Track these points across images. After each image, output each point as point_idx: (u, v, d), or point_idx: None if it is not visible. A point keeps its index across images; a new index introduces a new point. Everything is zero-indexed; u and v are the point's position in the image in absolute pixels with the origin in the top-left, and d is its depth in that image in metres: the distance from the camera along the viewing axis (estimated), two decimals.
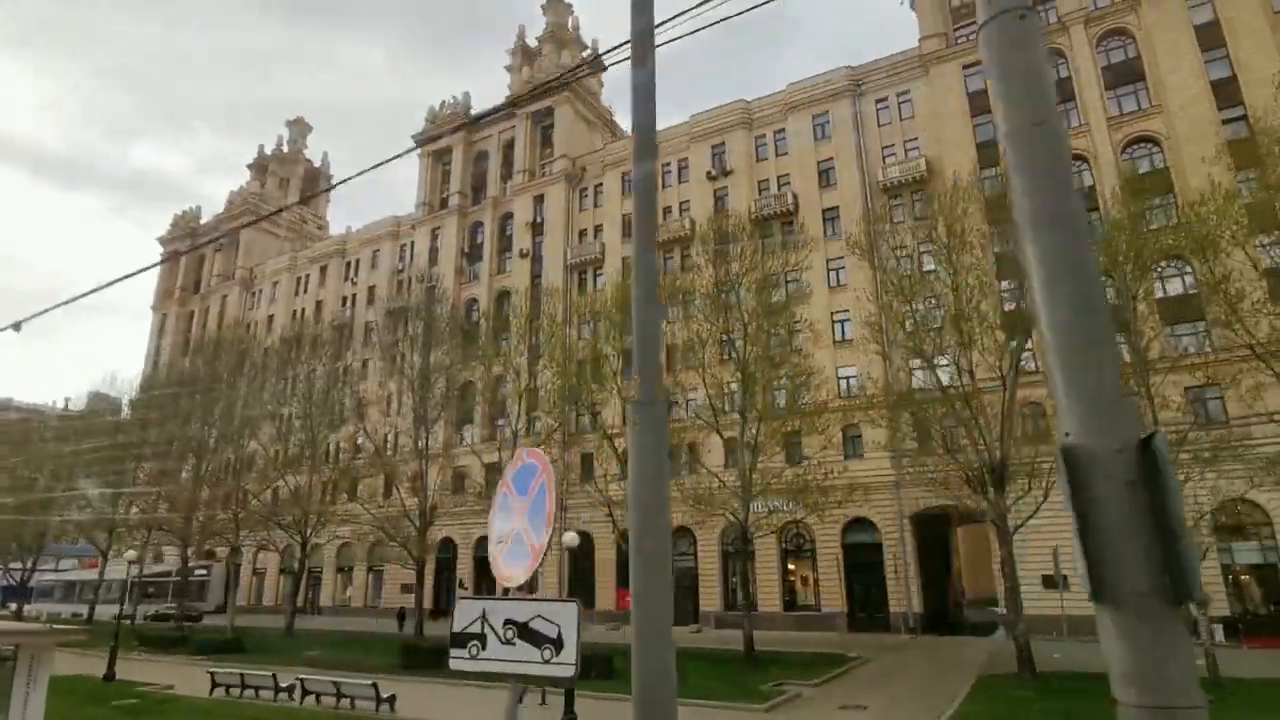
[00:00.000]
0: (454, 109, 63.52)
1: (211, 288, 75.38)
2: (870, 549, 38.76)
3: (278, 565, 60.18)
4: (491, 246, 57.64)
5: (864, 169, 43.97)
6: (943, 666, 25.10)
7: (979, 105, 41.21)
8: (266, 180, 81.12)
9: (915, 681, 21.66)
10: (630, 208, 51.91)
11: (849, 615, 38.33)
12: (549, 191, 55.39)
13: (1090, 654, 25.90)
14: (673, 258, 49.31)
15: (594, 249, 52.07)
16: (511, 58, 67.19)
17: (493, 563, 5.52)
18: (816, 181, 45.45)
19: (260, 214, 75.82)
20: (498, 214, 58.43)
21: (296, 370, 41.08)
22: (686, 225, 48.58)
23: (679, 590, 43.74)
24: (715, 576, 42.41)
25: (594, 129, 60.50)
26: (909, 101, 44.20)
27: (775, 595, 40.65)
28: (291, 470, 36.99)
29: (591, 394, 32.46)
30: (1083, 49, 39.42)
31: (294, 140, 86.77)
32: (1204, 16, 36.82)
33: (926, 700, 18.43)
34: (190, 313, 76.90)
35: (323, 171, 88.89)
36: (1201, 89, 35.83)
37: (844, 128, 45.22)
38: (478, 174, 61.34)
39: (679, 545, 44.60)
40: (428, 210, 61.95)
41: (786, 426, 27.36)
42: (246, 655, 29.72)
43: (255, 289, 72.97)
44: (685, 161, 50.95)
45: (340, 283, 66.02)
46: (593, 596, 46.06)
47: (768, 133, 48.42)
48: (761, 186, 47.66)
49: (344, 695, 17.27)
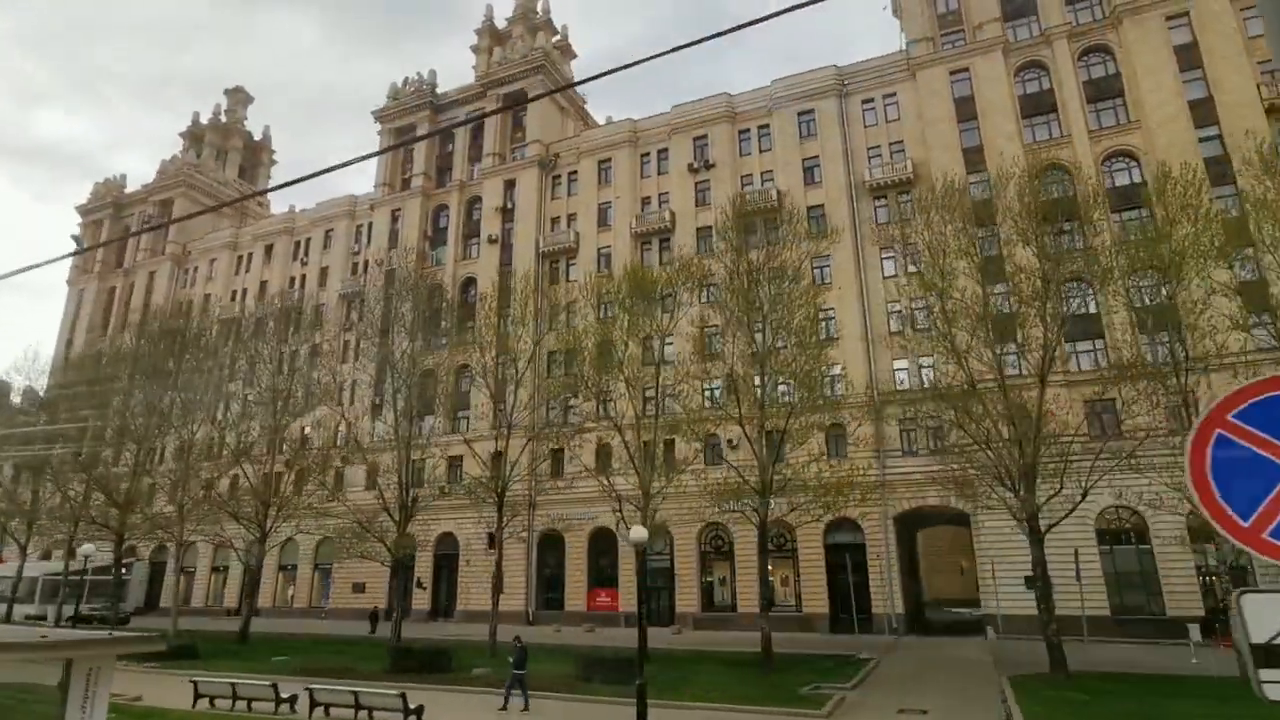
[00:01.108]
0: (418, 86, 60.58)
1: (138, 262, 69.64)
2: (852, 549, 38.57)
3: (210, 563, 56.03)
4: (457, 231, 55.14)
5: (850, 168, 43.92)
6: (954, 668, 24.82)
7: (966, 111, 41.79)
8: (203, 151, 75.68)
9: (945, 683, 21.17)
10: (607, 196, 50.75)
11: (831, 616, 37.99)
12: (521, 176, 53.36)
13: (1089, 653, 26.21)
14: (651, 249, 48.31)
15: (568, 237, 50.39)
16: (479, 38, 64.75)
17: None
18: (801, 178, 45.15)
19: (195, 184, 70.79)
20: (465, 198, 55.96)
21: (257, 350, 37.73)
22: (667, 217, 47.58)
23: (655, 591, 42.71)
24: (693, 577, 41.48)
25: (566, 115, 58.76)
26: (895, 104, 44.40)
27: (754, 596, 39.92)
28: (246, 458, 33.87)
29: (596, 384, 30.85)
30: (1065, 63, 40.38)
31: (232, 110, 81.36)
32: (1183, 38, 38.22)
33: (978, 703, 17.89)
34: (111, 289, 70.88)
35: (264, 146, 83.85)
36: (1179, 107, 37.12)
37: (830, 126, 45.09)
38: (443, 155, 58.66)
39: (654, 545, 43.50)
40: (388, 190, 58.83)
41: (807, 421, 26.50)
42: (202, 661, 26.93)
43: (189, 266, 67.83)
44: (665, 153, 49.91)
45: (288, 263, 62.03)
46: (561, 596, 44.51)
47: (751, 127, 47.87)
48: (745, 181, 47.04)
49: (363, 706, 15.33)
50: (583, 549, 44.05)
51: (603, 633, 39.33)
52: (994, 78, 41.14)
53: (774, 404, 25.95)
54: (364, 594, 49.02)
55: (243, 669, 25.02)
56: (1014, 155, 39.17)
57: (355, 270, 58.55)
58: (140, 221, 71.80)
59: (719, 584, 41.96)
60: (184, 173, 70.66)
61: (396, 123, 60.40)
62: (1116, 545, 33.96)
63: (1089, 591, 30.96)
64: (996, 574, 33.30)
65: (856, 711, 17.39)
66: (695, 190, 48.01)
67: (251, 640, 32.85)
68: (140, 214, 72.34)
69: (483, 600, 44.33)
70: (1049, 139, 40.08)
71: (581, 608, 43.48)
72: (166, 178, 71.34)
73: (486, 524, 40.54)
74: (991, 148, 40.07)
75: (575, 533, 43.65)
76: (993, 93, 40.99)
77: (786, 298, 26.02)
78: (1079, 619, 29.95)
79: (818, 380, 27.05)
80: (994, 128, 40.42)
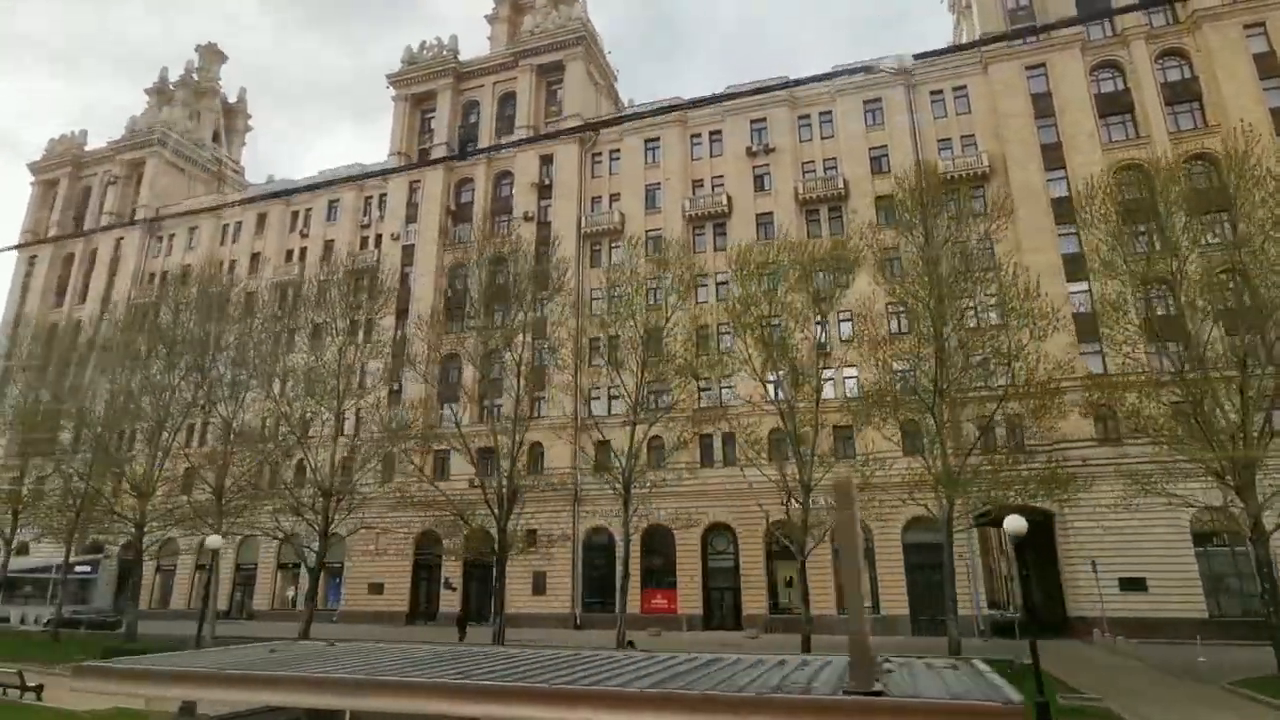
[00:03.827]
0: (437, 51, 56.55)
1: (100, 227, 62.66)
2: (930, 549, 37.26)
3: (194, 560, 50.34)
4: (484, 207, 51.47)
5: (919, 159, 42.80)
6: (1129, 673, 23.43)
7: (1043, 107, 41.32)
8: (174, 109, 68.90)
9: (1164, 694, 19.69)
10: (655, 177, 48.20)
11: (912, 618, 36.62)
12: (559, 151, 50.22)
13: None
14: (704, 233, 46.10)
15: (612, 218, 47.62)
16: (496, 6, 61.31)
17: None
18: (869, 167, 43.87)
19: (168, 144, 64.32)
20: (493, 171, 52.36)
21: (329, 316, 33.23)
22: (724, 201, 45.49)
23: (718, 592, 40.50)
24: (760, 578, 39.40)
25: (600, 92, 55.91)
26: (965, 96, 43.65)
27: (829, 597, 38.21)
28: (304, 440, 29.70)
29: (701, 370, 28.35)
30: (1143, 64, 40.37)
31: (204, 68, 74.61)
32: (1260, 46, 38.69)
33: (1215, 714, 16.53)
34: (69, 255, 63.59)
35: (240, 110, 77.52)
36: (1261, 114, 37.44)
37: (898, 116, 44.00)
38: (466, 126, 54.86)
39: (715, 544, 41.26)
40: (403, 160, 54.56)
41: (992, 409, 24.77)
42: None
43: (161, 233, 61.44)
44: (718, 135, 47.80)
45: (285, 234, 56.81)
46: (612, 598, 41.62)
47: (812, 113, 46.33)
48: (806, 167, 45.48)
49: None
50: (635, 548, 41.22)
51: (669, 637, 36.85)
52: (1073, 75, 40.81)
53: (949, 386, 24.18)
54: (382, 595, 44.87)
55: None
56: (1095, 155, 39.08)
57: (365, 244, 54.05)
58: (104, 183, 64.74)
59: (783, 584, 39.99)
60: (157, 130, 64.03)
61: (413, 89, 56.18)
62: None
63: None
64: (1099, 576, 32.51)
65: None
66: (753, 175, 46.09)
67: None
68: (104, 174, 65.21)
69: (522, 602, 41.12)
70: (1125, 139, 40.00)
71: (634, 610, 40.69)
72: (137, 135, 64.49)
73: (525, 520, 37.41)
74: (1071, 145, 39.71)
75: (566, 535, 40.83)
76: (1071, 90, 40.63)
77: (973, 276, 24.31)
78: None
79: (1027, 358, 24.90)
80: (1074, 125, 40.03)
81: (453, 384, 46.50)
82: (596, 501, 41.23)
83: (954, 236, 26.09)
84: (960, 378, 24.94)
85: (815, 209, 44.25)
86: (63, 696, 19.26)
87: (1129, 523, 33.10)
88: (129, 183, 64.00)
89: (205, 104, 72.48)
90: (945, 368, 24.53)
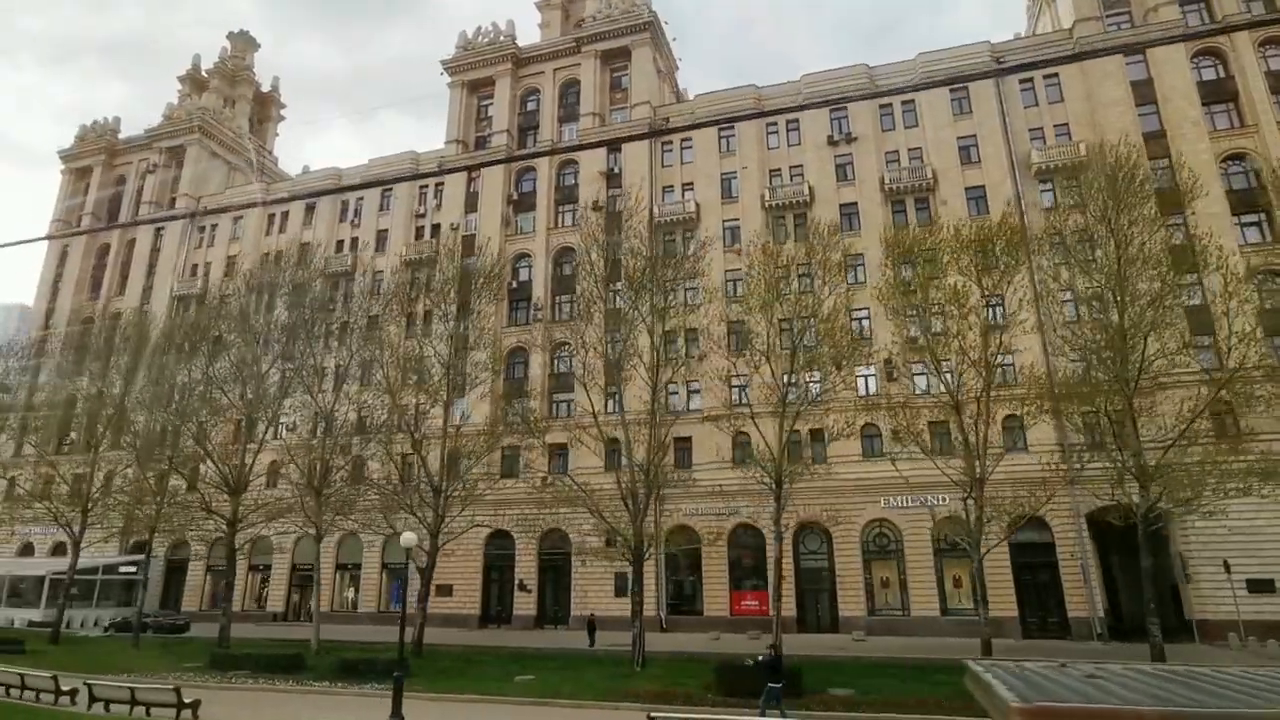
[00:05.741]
0: (494, 37, 54.96)
1: (138, 217, 60.72)
2: (1040, 549, 36.04)
3: (247, 561, 48.48)
4: (549, 196, 49.95)
5: (1011, 149, 41.65)
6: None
7: (1143, 96, 40.18)
8: (210, 96, 66.97)
9: None
10: (731, 166, 46.72)
11: (1021, 620, 35.30)
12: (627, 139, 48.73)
13: None
14: (785, 223, 44.69)
15: (687, 207, 46.19)
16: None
17: None
18: (957, 158, 42.61)
19: (210, 132, 62.47)
20: (556, 159, 50.81)
21: (438, 302, 31.60)
22: (805, 191, 44.12)
23: (812, 594, 39.07)
24: (857, 579, 37.98)
25: (663, 79, 54.47)
26: (1056, 85, 42.43)
27: (932, 598, 36.90)
28: (418, 432, 28.00)
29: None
30: (1247, 52, 39.32)
31: (237, 56, 72.70)
32: None
33: None
34: (104, 245, 61.60)
35: (273, 98, 75.62)
36: None
37: (987, 104, 42.74)
38: (525, 114, 53.29)
39: (807, 544, 39.83)
40: (461, 149, 52.95)
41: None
42: (424, 682, 21.46)
43: (204, 224, 59.51)
44: (795, 123, 46.42)
45: (335, 224, 55.10)
46: (698, 600, 40.19)
47: (894, 102, 44.98)
48: (889, 157, 44.17)
49: None
50: (722, 548, 39.75)
51: (727, 639, 35.26)
52: (1176, 62, 39.68)
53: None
54: (451, 596, 43.17)
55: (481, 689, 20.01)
56: (1202, 143, 37.98)
57: (420, 234, 52.41)
58: (140, 172, 62.76)
59: (880, 585, 38.60)
60: (198, 116, 62.12)
61: (469, 75, 54.57)
62: None
63: None
64: (1233, 578, 31.29)
65: None
66: (835, 164, 44.75)
67: (425, 653, 27.16)
68: (139, 162, 63.23)
69: (603, 604, 39.55)
70: (1229, 128, 38.93)
71: (723, 612, 39.29)
72: (177, 122, 62.55)
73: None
74: (1176, 134, 38.58)
75: (712, 531, 39.31)
76: (1175, 78, 39.50)
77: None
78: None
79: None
80: (1178, 113, 38.89)
81: (562, 375, 44.38)
82: (678, 501, 39.78)
83: (1138, 217, 24.75)
84: (1153, 363, 23.59)
85: (901, 199, 42.95)
86: (232, 716, 17.59)
87: (1254, 521, 32.06)
88: (167, 170, 62.05)
89: (240, 92, 70.59)
90: (1130, 353, 23.24)
